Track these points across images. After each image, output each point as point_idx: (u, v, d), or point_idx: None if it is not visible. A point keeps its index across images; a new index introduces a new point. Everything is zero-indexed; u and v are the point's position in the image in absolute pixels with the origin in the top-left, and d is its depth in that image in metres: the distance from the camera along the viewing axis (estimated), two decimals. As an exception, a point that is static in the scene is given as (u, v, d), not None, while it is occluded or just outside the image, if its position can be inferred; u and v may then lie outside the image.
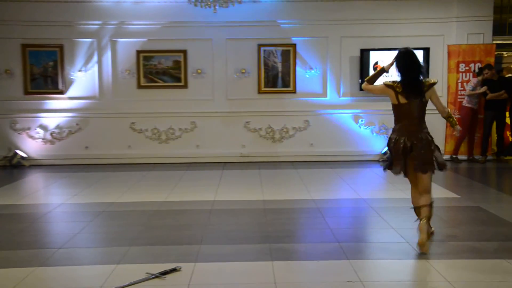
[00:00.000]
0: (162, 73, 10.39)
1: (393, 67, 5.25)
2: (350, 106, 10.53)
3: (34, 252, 4.91)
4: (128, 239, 5.29)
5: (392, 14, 10.37)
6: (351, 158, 10.48)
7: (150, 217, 6.18)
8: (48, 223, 6.17)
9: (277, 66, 10.43)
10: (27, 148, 10.36)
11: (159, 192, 7.63)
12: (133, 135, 10.50)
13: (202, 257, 4.69)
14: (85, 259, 4.78)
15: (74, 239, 5.32)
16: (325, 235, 5.41)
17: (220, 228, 5.72)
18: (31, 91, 10.29)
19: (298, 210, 6.60)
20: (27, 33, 10.16)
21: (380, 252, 4.87)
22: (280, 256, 4.70)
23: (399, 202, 6.82)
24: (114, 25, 10.30)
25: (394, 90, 5.04)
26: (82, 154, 10.44)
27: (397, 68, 5.10)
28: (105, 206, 6.72)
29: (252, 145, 10.56)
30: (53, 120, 10.38)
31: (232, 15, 10.00)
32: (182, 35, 10.35)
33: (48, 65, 10.31)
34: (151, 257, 4.72)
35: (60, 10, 10.15)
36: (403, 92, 5.00)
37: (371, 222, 6.05)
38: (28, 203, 7.14)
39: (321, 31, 10.41)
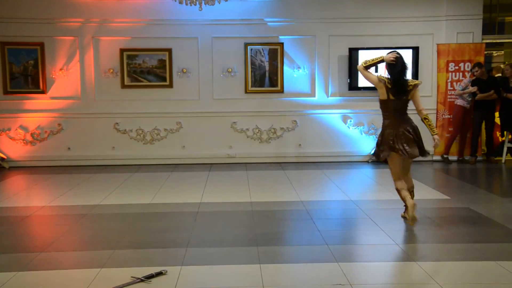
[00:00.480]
0: (147, 72, 10.37)
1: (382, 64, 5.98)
2: (339, 106, 10.59)
3: (14, 256, 4.88)
4: (112, 242, 5.27)
5: (381, 12, 10.45)
6: (340, 159, 10.53)
7: (135, 220, 6.17)
8: (29, 226, 6.12)
9: (264, 66, 10.46)
10: (7, 150, 10.27)
11: (144, 194, 7.61)
12: (117, 136, 10.46)
13: (189, 260, 4.69)
14: (68, 263, 4.76)
15: (56, 243, 5.29)
16: (314, 237, 5.44)
17: (207, 230, 5.73)
18: (10, 91, 10.21)
19: (286, 212, 6.62)
20: (6, 30, 10.08)
21: (370, 255, 4.90)
22: (268, 259, 4.72)
23: (388, 204, 6.88)
24: (96, 22, 10.26)
25: (385, 86, 5.76)
26: (64, 156, 10.38)
27: (389, 68, 5.80)
28: (89, 209, 6.69)
29: (239, 146, 10.57)
30: (34, 120, 10.31)
31: (218, 13, 10.01)
32: (167, 33, 10.34)
33: (28, 63, 10.23)
34: (136, 261, 4.72)
35: (41, 7, 10.09)
36: (392, 89, 5.75)
37: (360, 224, 6.09)
38: (8, 205, 7.07)
39: (309, 29, 10.46)
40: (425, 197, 7.36)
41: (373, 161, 10.49)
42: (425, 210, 6.52)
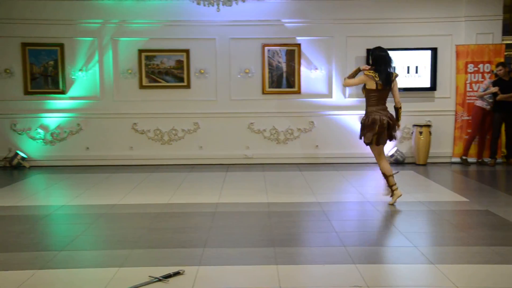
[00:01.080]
0: (165, 73, 10.41)
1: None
2: (356, 107, 10.52)
3: (35, 254, 4.92)
4: (130, 241, 5.30)
5: (399, 13, 10.38)
6: (357, 160, 10.48)
7: (153, 220, 6.19)
8: (49, 225, 6.18)
9: (281, 66, 10.44)
10: (27, 149, 10.39)
11: (161, 194, 7.64)
12: (135, 136, 10.53)
13: (206, 260, 4.70)
14: (87, 261, 4.80)
15: (75, 242, 5.33)
16: (331, 238, 5.42)
17: (224, 231, 5.73)
18: (31, 91, 10.32)
19: (303, 213, 6.60)
20: (27, 31, 10.20)
21: (387, 256, 4.87)
22: (285, 260, 4.71)
23: (406, 206, 6.82)
24: (115, 23, 10.33)
25: (373, 79, 6.66)
26: (83, 155, 10.47)
27: (377, 62, 6.71)
28: (107, 208, 6.74)
29: (256, 146, 10.58)
30: (53, 120, 10.42)
31: (236, 14, 10.02)
32: (184, 34, 10.37)
33: (48, 64, 10.34)
34: (154, 260, 4.74)
35: (61, 8, 10.19)
36: (380, 80, 6.66)
37: (378, 225, 6.05)
38: (29, 204, 7.15)
39: (326, 30, 10.43)
40: (443, 199, 7.29)
41: (391, 162, 10.42)
42: (443, 213, 6.46)
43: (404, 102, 10.42)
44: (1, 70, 10.26)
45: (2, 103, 10.30)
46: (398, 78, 6.85)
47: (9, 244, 5.27)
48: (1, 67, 10.26)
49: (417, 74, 10.39)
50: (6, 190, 8.16)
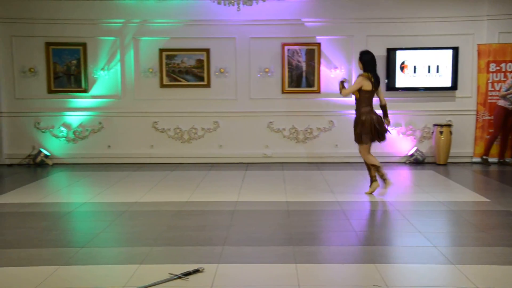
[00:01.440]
0: (185, 72, 10.47)
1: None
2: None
3: (57, 250, 4.99)
4: (150, 239, 5.35)
5: (420, 12, 10.28)
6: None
7: (173, 217, 6.24)
8: (71, 222, 6.26)
9: (301, 66, 10.43)
10: (50, 147, 10.53)
11: (181, 192, 7.69)
12: (156, 135, 10.60)
13: (225, 258, 4.72)
14: (108, 258, 4.85)
15: (97, 238, 5.40)
16: (350, 237, 5.40)
17: (243, 229, 5.75)
18: (54, 90, 10.45)
19: (322, 212, 6.59)
20: (50, 31, 10.33)
21: (407, 256, 4.84)
22: (304, 258, 4.71)
23: (426, 206, 6.78)
24: (137, 23, 10.41)
25: (370, 80, 7.09)
26: (104, 153, 10.57)
27: (369, 65, 7.18)
28: (128, 206, 6.80)
29: (275, 145, 10.58)
30: (76, 118, 10.54)
31: (256, 13, 10.03)
32: (205, 34, 10.41)
33: (71, 63, 10.46)
34: (174, 258, 4.77)
35: (84, 8, 10.30)
36: (375, 81, 7.15)
37: (397, 225, 6.01)
38: (52, 201, 7.25)
39: (346, 30, 10.38)
40: (464, 199, 7.22)
41: (411, 162, 10.35)
42: (464, 213, 6.40)
43: (425, 102, 10.42)
44: (26, 69, 10.41)
45: (27, 102, 10.46)
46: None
47: (32, 240, 5.35)
48: (26, 66, 10.41)
49: (438, 74, 10.29)
50: (30, 187, 8.29)
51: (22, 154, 10.45)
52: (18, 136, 10.51)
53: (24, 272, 4.42)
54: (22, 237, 5.42)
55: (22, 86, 10.45)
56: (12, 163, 10.45)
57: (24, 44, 10.39)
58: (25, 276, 4.31)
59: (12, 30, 10.31)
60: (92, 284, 4.20)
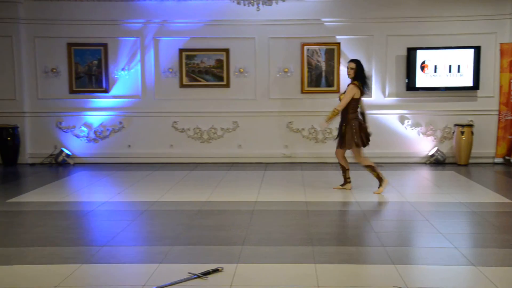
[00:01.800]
0: (205, 72, 10.50)
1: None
2: (396, 107, 10.40)
3: (79, 249, 5.05)
4: (170, 238, 5.37)
5: (441, 11, 10.18)
6: (396, 160, 10.35)
7: (192, 217, 6.26)
8: (93, 220, 6.32)
9: (320, 65, 10.39)
10: (72, 146, 10.64)
11: (201, 191, 7.71)
12: (175, 134, 10.65)
13: (244, 258, 4.72)
14: (128, 257, 4.89)
15: (117, 237, 5.44)
16: (370, 238, 5.37)
17: (262, 229, 5.75)
18: (76, 90, 10.57)
19: (341, 212, 6.57)
20: (72, 32, 10.43)
21: (427, 257, 4.79)
22: (323, 259, 4.69)
23: (447, 206, 6.71)
24: (157, 23, 10.47)
25: (360, 88, 7.44)
26: (124, 153, 10.65)
27: (361, 74, 7.50)
28: (148, 205, 6.85)
29: (294, 145, 10.56)
30: (97, 118, 10.64)
31: (275, 13, 10.01)
32: (224, 34, 10.43)
33: (92, 63, 10.56)
34: (193, 257, 4.79)
35: (105, 9, 10.39)
36: (364, 89, 7.52)
37: (418, 226, 5.96)
38: (73, 200, 7.34)
39: (366, 29, 10.32)
40: (486, 200, 7.14)
41: (431, 162, 10.25)
42: (486, 214, 6.32)
43: (446, 102, 10.32)
44: (48, 69, 10.54)
45: (49, 102, 10.58)
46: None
47: (54, 238, 5.42)
48: (48, 67, 10.53)
49: (459, 73, 10.17)
50: (52, 186, 8.39)
51: (44, 153, 10.58)
52: (40, 135, 10.65)
53: (46, 270, 4.47)
54: (44, 236, 5.49)
55: (45, 86, 10.58)
56: (34, 162, 10.58)
57: (46, 44, 10.51)
58: (48, 274, 4.36)
59: (35, 31, 10.44)
60: (113, 282, 4.24)
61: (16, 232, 5.67)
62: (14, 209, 6.77)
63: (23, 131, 10.54)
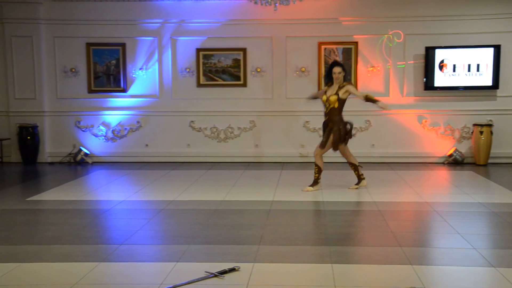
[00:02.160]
0: (222, 71, 10.52)
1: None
2: (413, 106, 10.32)
3: (96, 247, 5.08)
4: (187, 237, 5.39)
5: (460, 9, 10.07)
6: (414, 160, 10.27)
7: (209, 216, 6.27)
8: (110, 219, 6.37)
9: (338, 65, 10.32)
10: (90, 145, 10.74)
11: (217, 191, 7.73)
12: (192, 134, 10.69)
13: (261, 257, 4.72)
14: (146, 256, 4.91)
15: (135, 236, 5.47)
16: (387, 238, 5.33)
17: (279, 228, 5.74)
18: (94, 89, 10.66)
19: (358, 212, 6.54)
20: (91, 32, 10.53)
21: (445, 258, 4.74)
22: (340, 259, 4.67)
23: (465, 207, 6.64)
24: (174, 23, 10.52)
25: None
26: (142, 152, 10.72)
27: (346, 73, 7.82)
28: (165, 204, 6.88)
29: (311, 145, 10.47)
30: (115, 118, 10.71)
31: (293, 12, 10.00)
32: (242, 33, 10.44)
33: (110, 63, 10.64)
34: (210, 256, 4.80)
35: (123, 9, 10.46)
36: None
37: (435, 226, 5.91)
38: (91, 199, 7.40)
39: (384, 28, 10.24)
40: (505, 200, 7.04)
41: (449, 162, 10.16)
42: (505, 214, 6.24)
43: (464, 101, 10.23)
44: (67, 69, 10.64)
45: (68, 101, 10.69)
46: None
47: (72, 237, 5.46)
48: (68, 67, 10.64)
49: (478, 72, 10.06)
50: (70, 185, 8.47)
51: (63, 152, 10.69)
52: (59, 135, 10.76)
53: (65, 268, 4.51)
54: (63, 234, 5.54)
55: (64, 86, 10.69)
56: (53, 161, 10.70)
57: (66, 44, 10.62)
58: (66, 272, 4.40)
59: (55, 31, 10.55)
60: (130, 281, 4.26)
61: (35, 230, 5.73)
62: (33, 207, 6.85)
63: (42, 130, 10.66)
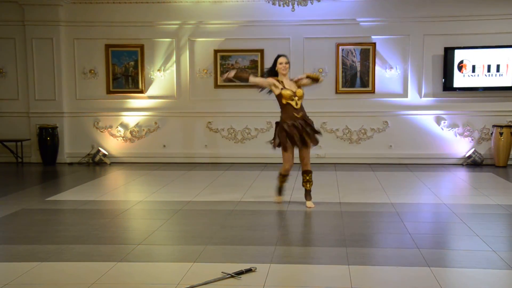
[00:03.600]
0: (239, 72, 10.53)
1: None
2: (432, 107, 10.23)
3: (115, 247, 5.12)
4: (204, 237, 5.40)
5: (479, 9, 9.96)
6: (432, 161, 10.18)
7: (226, 217, 6.29)
8: (128, 219, 6.40)
9: (355, 66, 10.31)
10: (108, 146, 10.83)
11: (234, 192, 7.74)
12: (210, 135, 10.72)
13: (277, 258, 4.71)
14: (163, 256, 4.94)
15: (152, 236, 5.50)
16: (404, 240, 5.29)
17: (296, 229, 5.73)
18: (113, 90, 10.75)
19: (376, 213, 6.49)
20: (110, 33, 10.62)
21: (464, 261, 4.69)
22: (357, 260, 4.65)
23: (484, 208, 6.56)
24: (192, 24, 10.56)
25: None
26: (160, 153, 10.78)
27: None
28: (182, 205, 6.90)
29: (328, 146, 10.49)
30: (133, 118, 10.79)
31: (310, 13, 9.98)
32: (259, 34, 10.45)
33: (129, 64, 10.72)
34: (227, 257, 4.81)
35: (142, 11, 10.53)
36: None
37: (454, 228, 5.84)
38: (109, 199, 7.46)
39: (403, 29, 10.19)
40: (525, 203, 6.95)
41: (468, 164, 10.05)
42: (525, 217, 6.15)
43: (484, 102, 10.12)
44: (87, 70, 10.74)
45: (87, 102, 10.79)
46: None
47: (91, 236, 5.51)
48: (87, 68, 10.74)
49: (498, 73, 9.94)
50: (89, 185, 8.54)
51: (81, 153, 10.79)
52: (78, 135, 10.86)
53: (83, 267, 4.55)
54: (82, 233, 5.59)
55: (83, 87, 10.80)
56: (72, 161, 10.81)
57: (85, 46, 10.72)
58: (85, 271, 4.44)
59: (74, 33, 10.67)
60: (148, 280, 4.28)
61: (54, 230, 5.79)
62: (53, 207, 6.92)
63: (62, 131, 10.77)
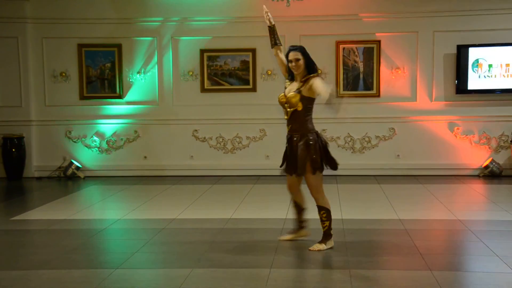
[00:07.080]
0: (228, 74, 10.56)
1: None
2: (444, 112, 10.29)
3: (89, 272, 5.09)
4: (190, 260, 5.38)
5: (496, 2, 10.05)
6: (445, 172, 10.21)
7: (215, 236, 6.27)
8: (104, 240, 6.38)
9: (358, 66, 10.36)
10: (82, 158, 10.78)
11: (224, 207, 7.73)
12: (196, 144, 10.72)
13: (273, 282, 4.69)
14: (144, 281, 4.90)
15: (132, 259, 5.47)
16: (415, 261, 5.29)
17: (293, 250, 5.72)
18: (87, 96, 10.72)
19: (382, 231, 6.50)
20: (83, 31, 10.60)
21: (482, 284, 4.70)
22: (362, 284, 4.65)
23: (504, 225, 6.59)
24: (176, 22, 10.58)
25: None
26: (140, 165, 10.75)
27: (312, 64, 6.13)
28: (166, 223, 6.88)
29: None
30: (109, 127, 10.77)
31: (307, 8, 10.04)
32: (250, 32, 10.47)
33: (105, 66, 10.71)
34: (216, 281, 4.79)
35: (119, 6, 10.54)
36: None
37: (470, 248, 5.86)
38: (83, 218, 7.41)
39: (410, 25, 10.25)
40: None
41: (485, 175, 10.09)
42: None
43: (502, 106, 10.19)
44: (57, 73, 10.72)
45: (57, 109, 10.76)
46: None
47: (62, 260, 5.47)
48: (57, 70, 10.72)
49: (517, 73, 10.03)
50: (60, 202, 8.50)
51: (52, 166, 10.74)
52: (48, 146, 10.82)
53: (53, 294, 4.52)
54: (52, 257, 5.55)
55: (53, 92, 10.77)
56: (41, 176, 10.75)
57: (55, 46, 10.70)
58: (55, 299, 4.41)
59: (43, 31, 10.65)
60: (127, 309, 4.26)
61: (20, 254, 5.74)
62: (19, 228, 6.87)
63: (29, 141, 10.73)
